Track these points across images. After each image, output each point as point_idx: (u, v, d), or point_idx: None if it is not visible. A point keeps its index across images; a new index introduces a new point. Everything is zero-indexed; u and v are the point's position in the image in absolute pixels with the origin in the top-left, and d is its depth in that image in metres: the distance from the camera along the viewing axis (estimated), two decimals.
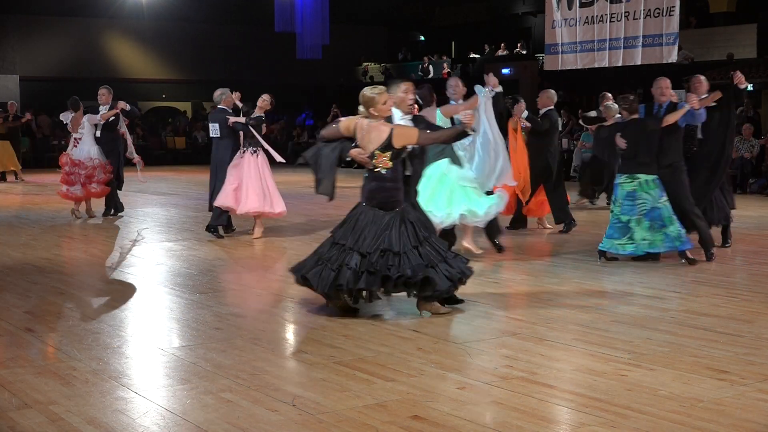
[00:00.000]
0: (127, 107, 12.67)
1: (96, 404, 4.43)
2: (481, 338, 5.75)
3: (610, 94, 12.21)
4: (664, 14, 15.72)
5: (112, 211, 12.93)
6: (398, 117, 6.86)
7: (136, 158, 12.83)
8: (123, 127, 12.71)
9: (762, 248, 9.79)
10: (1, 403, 4.45)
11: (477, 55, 29.12)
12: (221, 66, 30.52)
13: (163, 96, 31.02)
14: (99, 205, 13.09)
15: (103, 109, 12.56)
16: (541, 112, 10.83)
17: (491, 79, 8.35)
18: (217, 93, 10.75)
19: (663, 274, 7.99)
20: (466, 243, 8.82)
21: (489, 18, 30.82)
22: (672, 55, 15.68)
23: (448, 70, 29.00)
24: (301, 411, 4.30)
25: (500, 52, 27.70)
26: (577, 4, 17.21)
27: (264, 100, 10.41)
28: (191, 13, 28.60)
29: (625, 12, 16.33)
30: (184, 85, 31.04)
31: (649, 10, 15.90)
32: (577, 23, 17.21)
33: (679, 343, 5.55)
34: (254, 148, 10.39)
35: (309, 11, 23.08)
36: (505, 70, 25.90)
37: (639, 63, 16.32)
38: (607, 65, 16.98)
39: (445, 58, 30.45)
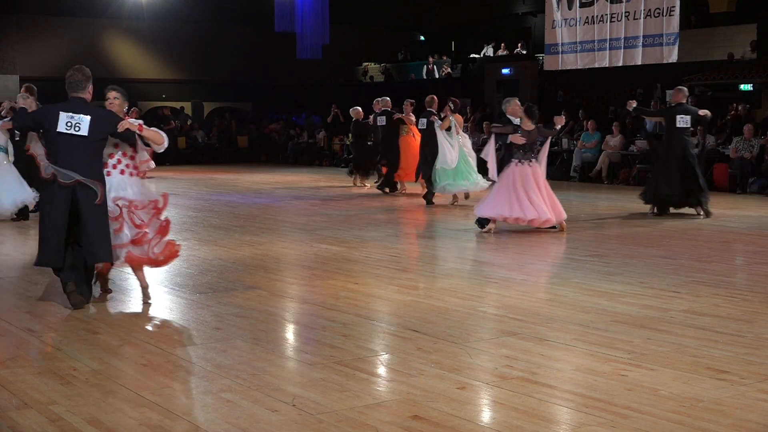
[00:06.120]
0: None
1: (96, 404, 4.43)
2: (481, 338, 5.75)
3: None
4: (664, 14, 15.71)
5: None
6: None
7: None
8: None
9: (762, 248, 9.79)
10: (1, 403, 4.45)
11: (477, 55, 29.11)
12: (221, 66, 30.50)
13: (163, 96, 30.99)
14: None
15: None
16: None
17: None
18: (506, 101, 10.86)
19: (663, 274, 7.99)
20: None
21: (489, 18, 30.78)
22: (672, 55, 15.67)
23: (449, 69, 28.99)
24: (301, 411, 4.30)
25: (500, 52, 27.68)
26: (577, 4, 17.21)
27: (517, 104, 10.62)
28: (191, 13, 28.58)
29: (625, 12, 16.32)
30: (184, 85, 30.99)
31: (649, 10, 15.89)
32: (577, 23, 17.20)
33: (679, 343, 5.55)
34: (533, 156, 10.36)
35: (309, 11, 23.08)
36: (505, 70, 25.87)
37: (639, 63, 16.31)
38: (607, 65, 16.98)
39: (445, 58, 30.43)
